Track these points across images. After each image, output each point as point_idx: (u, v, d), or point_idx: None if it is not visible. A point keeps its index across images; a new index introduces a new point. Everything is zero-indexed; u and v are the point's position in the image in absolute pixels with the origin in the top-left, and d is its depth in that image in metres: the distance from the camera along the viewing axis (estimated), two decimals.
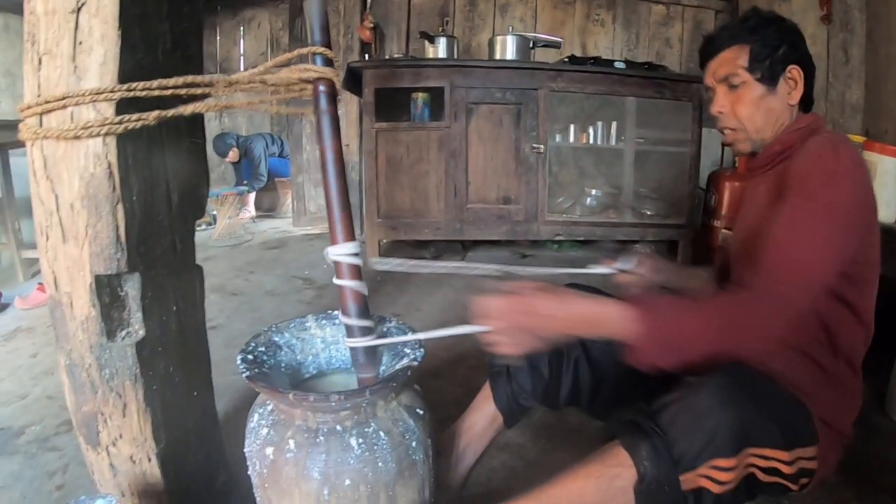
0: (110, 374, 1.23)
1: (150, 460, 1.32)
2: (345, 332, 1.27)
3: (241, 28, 7.05)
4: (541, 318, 1.07)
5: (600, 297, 1.11)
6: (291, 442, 1.16)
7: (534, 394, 1.49)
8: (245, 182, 6.40)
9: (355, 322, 1.24)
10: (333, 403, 1.12)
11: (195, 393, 1.42)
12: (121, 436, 1.29)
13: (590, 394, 1.46)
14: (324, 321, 1.39)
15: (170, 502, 1.36)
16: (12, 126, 3.28)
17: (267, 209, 6.77)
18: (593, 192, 4.12)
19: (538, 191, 3.97)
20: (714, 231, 3.73)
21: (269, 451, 1.18)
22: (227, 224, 5.17)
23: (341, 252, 1.22)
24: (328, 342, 1.39)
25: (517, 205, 3.98)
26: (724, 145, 4.06)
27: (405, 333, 1.32)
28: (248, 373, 1.17)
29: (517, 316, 1.07)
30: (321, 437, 1.16)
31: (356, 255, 1.23)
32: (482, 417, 1.59)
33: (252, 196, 6.34)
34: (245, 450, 1.26)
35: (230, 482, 1.60)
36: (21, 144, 3.56)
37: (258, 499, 1.27)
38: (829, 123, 4.07)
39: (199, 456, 1.47)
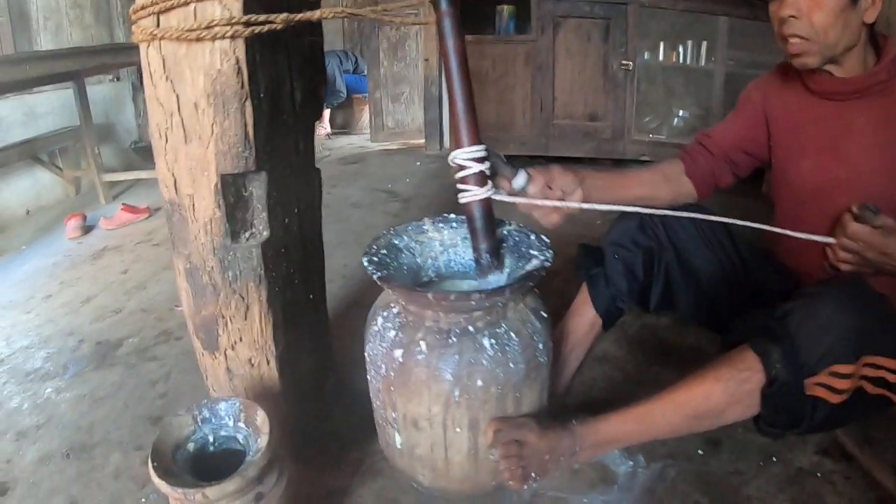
0: (233, 276, 1.22)
1: (268, 363, 1.34)
2: (468, 237, 1.26)
3: None
4: (890, 259, 1.12)
5: None
6: (422, 343, 1.16)
7: (629, 295, 1.49)
8: None
9: (480, 224, 1.21)
10: (473, 302, 1.11)
11: (311, 296, 1.41)
12: (241, 339, 1.30)
13: (680, 296, 1.47)
14: (441, 224, 1.37)
15: (285, 405, 1.39)
16: (85, 54, 3.31)
17: (340, 126, 6.60)
18: (681, 112, 3.96)
19: (625, 109, 3.84)
20: None
21: (398, 353, 1.18)
22: None
23: (467, 155, 1.17)
24: (446, 245, 1.36)
25: (604, 122, 3.86)
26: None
27: (528, 237, 1.30)
28: (378, 273, 1.15)
29: (871, 249, 1.13)
30: (453, 338, 1.15)
31: (483, 158, 1.18)
32: (583, 322, 1.59)
33: (327, 113, 6.21)
34: (367, 353, 1.27)
35: (338, 385, 1.63)
36: (95, 73, 3.67)
37: (379, 402, 1.29)
38: None
39: (312, 358, 1.48)
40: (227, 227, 1.18)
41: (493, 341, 1.16)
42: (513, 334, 1.18)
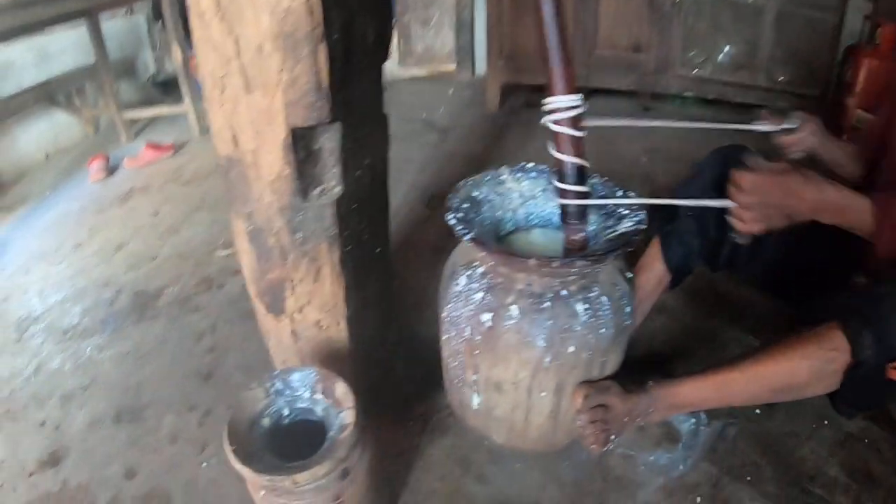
0: (303, 237, 1.13)
1: (338, 325, 1.27)
2: (548, 188, 1.17)
3: None
4: (794, 198, 1.06)
5: (846, 188, 1.08)
6: (514, 308, 1.08)
7: (700, 253, 1.45)
8: None
9: (570, 175, 1.11)
10: (575, 269, 1.03)
11: (378, 249, 1.32)
12: (309, 302, 1.22)
13: (747, 259, 1.44)
14: (519, 174, 1.27)
15: (352, 366, 1.33)
16: None
17: None
18: (727, 48, 3.73)
19: (671, 41, 3.58)
20: (846, 109, 3.42)
21: (486, 317, 1.10)
22: None
23: (560, 104, 1.06)
24: (525, 197, 1.27)
25: (647, 55, 3.61)
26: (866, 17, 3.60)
27: (615, 192, 1.20)
28: (469, 235, 1.06)
29: (772, 193, 1.06)
30: (547, 303, 1.08)
31: (576, 107, 1.07)
32: (652, 277, 1.53)
33: None
34: (447, 314, 1.19)
35: (400, 339, 1.58)
36: (108, 8, 3.47)
37: (456, 363, 1.23)
38: None
39: (377, 312, 1.41)
40: (296, 185, 1.07)
41: (585, 306, 1.09)
42: (604, 298, 1.11)
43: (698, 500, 1.30)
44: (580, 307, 1.08)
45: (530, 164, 1.27)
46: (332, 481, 0.99)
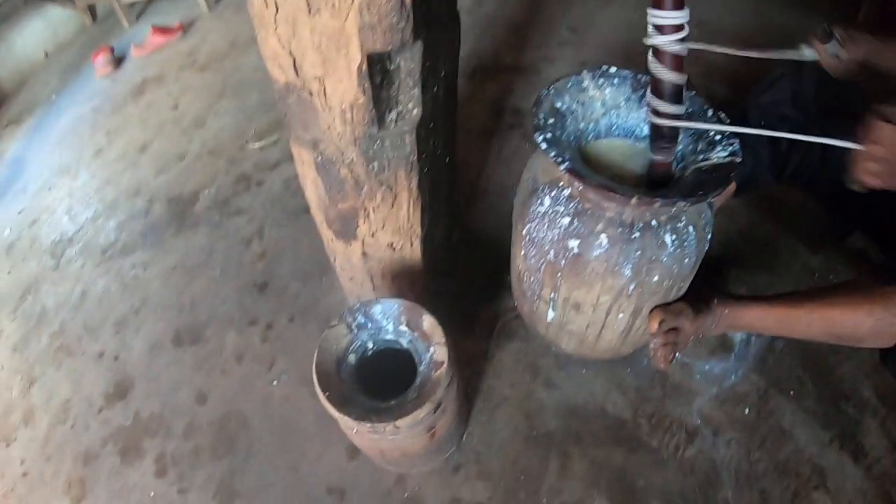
0: (380, 166, 1.06)
1: (411, 245, 1.24)
2: (631, 97, 1.12)
3: None
4: None
5: None
6: (603, 237, 1.05)
7: (769, 166, 1.41)
8: None
9: (668, 93, 1.04)
10: (680, 205, 0.98)
11: (448, 158, 1.25)
12: (383, 227, 1.18)
13: (814, 176, 1.38)
14: (601, 80, 1.17)
15: (422, 280, 1.33)
16: None
17: None
18: None
19: None
20: None
21: (574, 243, 1.07)
22: None
23: (666, 19, 0.95)
24: (608, 106, 1.18)
25: None
26: None
27: (704, 110, 1.12)
28: (565, 164, 0.99)
29: None
30: (636, 234, 1.04)
31: (681, 25, 0.96)
32: None
33: None
34: (528, 233, 1.15)
35: (462, 239, 1.55)
36: None
37: (534, 279, 1.20)
38: None
39: (445, 224, 1.38)
40: (372, 113, 0.97)
41: (673, 237, 1.05)
42: (691, 228, 1.07)
43: (747, 411, 1.36)
44: (668, 238, 1.04)
45: (612, 69, 1.17)
46: (428, 417, 1.00)
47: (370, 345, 1.10)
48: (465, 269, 1.58)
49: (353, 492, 1.31)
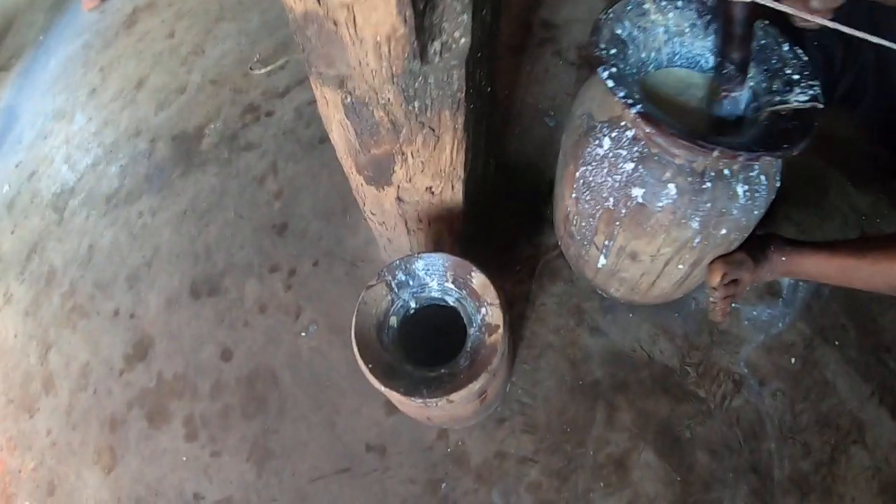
0: (421, 106, 0.93)
1: (452, 188, 1.13)
2: (697, 23, 1.01)
3: None
4: None
5: None
6: (671, 187, 0.95)
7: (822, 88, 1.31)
8: None
9: (740, 30, 0.93)
10: (770, 159, 0.88)
11: (489, 89, 1.14)
12: (423, 170, 1.07)
13: (863, 100, 1.33)
14: (664, 3, 1.05)
15: (460, 223, 1.23)
16: None
17: None
18: None
19: None
20: None
21: (637, 192, 0.97)
22: None
23: None
24: (671, 33, 1.06)
25: None
26: None
27: (778, 44, 1.00)
28: (637, 108, 0.88)
29: None
30: (707, 183, 0.94)
31: None
32: None
33: None
34: (582, 176, 1.05)
35: (496, 169, 1.46)
36: None
37: (587, 224, 1.12)
38: None
39: (484, 159, 1.28)
40: (413, 45, 0.84)
41: (745, 188, 0.96)
42: (763, 178, 0.98)
43: (793, 360, 1.32)
44: (741, 189, 0.95)
45: None
46: (483, 387, 0.93)
47: (412, 304, 1.02)
48: (501, 202, 1.49)
49: (393, 448, 1.27)
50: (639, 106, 0.87)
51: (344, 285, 1.46)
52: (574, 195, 1.09)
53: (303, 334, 1.41)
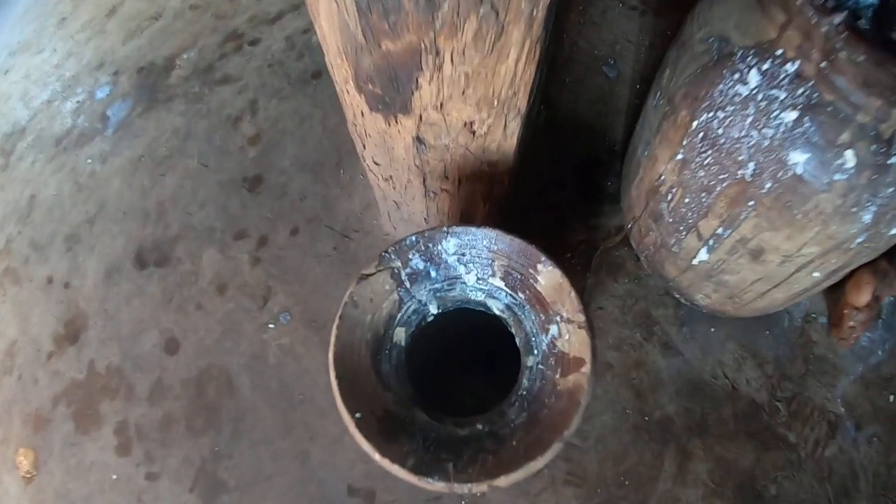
0: None
1: (505, 128, 0.79)
2: None
3: None
4: None
5: None
6: (849, 154, 0.63)
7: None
8: None
9: None
10: None
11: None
12: (464, 91, 0.71)
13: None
14: None
15: (503, 186, 0.96)
16: None
17: None
18: None
19: None
20: None
21: (797, 158, 0.66)
22: None
23: None
24: None
25: None
26: None
27: None
28: (841, 16, 0.54)
29: None
30: (894, 157, 0.62)
31: None
32: None
33: None
34: (707, 128, 0.75)
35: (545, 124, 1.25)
36: None
37: (689, 199, 0.85)
38: None
39: (537, 101, 0.98)
40: None
41: None
42: None
43: (891, 398, 1.15)
44: None
45: None
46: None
47: (432, 309, 0.68)
48: (546, 168, 1.24)
49: (386, 494, 1.03)
50: (845, 12, 0.54)
51: (330, 263, 1.23)
52: (681, 156, 0.82)
53: (270, 326, 1.15)
